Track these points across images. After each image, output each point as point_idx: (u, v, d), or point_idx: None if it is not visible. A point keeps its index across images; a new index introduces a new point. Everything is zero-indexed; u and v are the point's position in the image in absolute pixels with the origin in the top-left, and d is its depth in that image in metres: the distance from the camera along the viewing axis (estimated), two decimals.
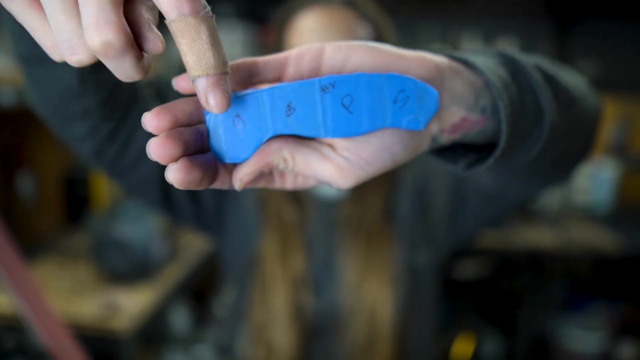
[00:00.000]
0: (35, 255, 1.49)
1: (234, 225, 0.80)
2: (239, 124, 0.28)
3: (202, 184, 0.27)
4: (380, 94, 0.28)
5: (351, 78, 0.28)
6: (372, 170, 0.30)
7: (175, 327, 1.74)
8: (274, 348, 0.74)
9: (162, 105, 0.27)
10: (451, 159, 0.36)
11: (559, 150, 0.40)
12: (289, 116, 0.28)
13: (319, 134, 0.29)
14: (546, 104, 0.34)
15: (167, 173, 0.26)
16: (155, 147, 0.26)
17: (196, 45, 0.24)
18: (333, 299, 0.75)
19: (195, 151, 0.28)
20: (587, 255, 1.78)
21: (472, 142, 0.35)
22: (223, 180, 0.29)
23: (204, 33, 0.24)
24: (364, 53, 0.29)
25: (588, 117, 0.44)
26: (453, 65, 0.32)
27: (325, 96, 0.28)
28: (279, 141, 0.29)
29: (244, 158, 0.29)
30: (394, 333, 0.74)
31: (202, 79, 0.25)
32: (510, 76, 0.33)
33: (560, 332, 1.95)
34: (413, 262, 0.77)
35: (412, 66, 0.30)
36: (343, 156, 0.30)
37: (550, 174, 0.50)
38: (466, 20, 2.30)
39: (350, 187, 0.31)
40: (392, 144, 0.30)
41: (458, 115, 0.31)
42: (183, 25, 0.24)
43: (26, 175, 1.56)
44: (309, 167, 0.30)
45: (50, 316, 0.61)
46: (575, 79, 0.44)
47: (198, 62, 0.25)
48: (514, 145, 0.33)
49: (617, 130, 2.25)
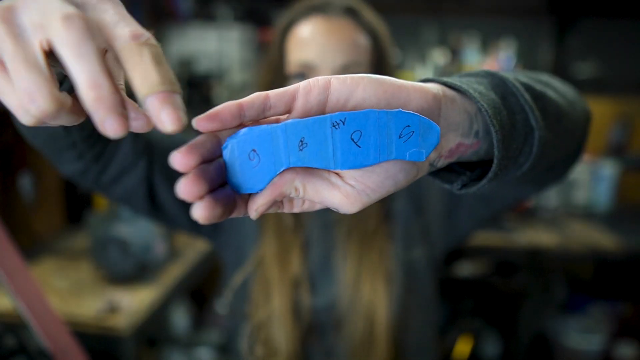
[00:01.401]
0: (35, 256, 1.50)
1: (231, 228, 0.80)
2: (254, 158, 0.30)
3: (223, 217, 0.29)
4: (387, 129, 0.31)
5: (361, 115, 0.30)
6: (375, 197, 0.32)
7: (175, 327, 1.74)
8: (274, 347, 0.75)
9: (189, 145, 0.28)
10: (446, 178, 0.38)
11: (549, 161, 0.42)
12: (301, 150, 0.30)
13: (329, 166, 0.31)
14: (535, 122, 0.36)
15: (194, 210, 0.28)
16: (185, 187, 0.27)
17: (140, 67, 0.25)
18: (331, 298, 0.76)
19: (217, 185, 0.30)
20: (586, 254, 1.78)
21: (466, 161, 0.37)
22: (239, 210, 0.31)
23: (146, 56, 0.26)
24: (368, 86, 0.31)
25: (576, 126, 0.46)
26: (448, 93, 0.34)
27: (336, 132, 0.30)
28: (291, 172, 0.31)
29: (259, 189, 0.31)
30: (391, 330, 0.75)
31: (151, 98, 0.25)
32: (500, 99, 0.35)
33: (560, 331, 1.95)
34: (409, 260, 0.78)
35: (413, 98, 0.31)
36: (350, 185, 0.32)
37: (542, 179, 0.52)
38: (466, 21, 2.31)
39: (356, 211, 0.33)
40: (396, 173, 0.32)
41: (454, 141, 0.34)
42: (127, 52, 0.26)
43: (27, 176, 1.56)
44: (318, 195, 0.32)
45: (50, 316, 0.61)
46: (562, 89, 0.46)
47: (143, 82, 0.25)
48: (506, 165, 0.35)
49: (617, 130, 2.25)
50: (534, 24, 2.29)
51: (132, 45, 0.26)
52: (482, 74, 0.38)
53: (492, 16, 2.29)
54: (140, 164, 0.65)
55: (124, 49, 0.26)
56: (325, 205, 0.33)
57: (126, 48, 0.26)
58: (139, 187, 0.67)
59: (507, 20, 2.30)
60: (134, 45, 0.26)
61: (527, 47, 2.30)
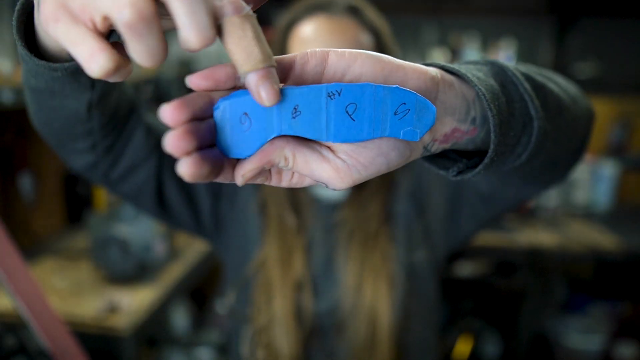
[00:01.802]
0: (35, 256, 1.50)
1: (233, 229, 0.80)
2: (245, 122, 0.29)
3: (209, 177, 0.29)
4: (382, 105, 0.30)
5: (357, 87, 0.29)
6: (367, 174, 0.32)
7: (175, 327, 1.74)
8: (275, 349, 0.75)
9: (180, 99, 0.28)
10: (442, 165, 0.38)
11: (549, 155, 0.41)
12: (294, 118, 0.29)
13: (321, 137, 0.30)
14: (534, 112, 0.35)
15: (179, 166, 0.27)
16: (172, 140, 0.27)
17: (243, 43, 0.26)
18: (333, 301, 0.76)
19: (206, 145, 0.29)
20: (586, 254, 1.78)
21: (463, 149, 0.36)
22: (226, 175, 0.30)
23: (249, 30, 0.26)
24: (366, 62, 0.30)
25: (578, 122, 0.45)
26: (446, 77, 0.33)
27: (331, 102, 0.29)
28: (282, 140, 0.30)
29: (248, 154, 0.30)
30: (393, 333, 0.74)
31: (252, 74, 0.27)
32: (499, 86, 0.35)
33: (560, 331, 1.95)
34: (411, 262, 0.78)
35: (410, 78, 0.31)
36: (341, 159, 0.31)
37: (543, 176, 0.52)
38: (466, 21, 2.30)
39: (345, 188, 0.32)
40: (388, 151, 0.31)
41: (450, 125, 0.33)
42: (229, 25, 0.26)
43: (27, 175, 1.56)
44: (307, 167, 0.31)
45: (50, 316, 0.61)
46: (565, 84, 0.46)
47: (247, 58, 0.26)
48: (503, 152, 0.35)
49: (617, 130, 2.25)
50: (534, 23, 2.29)
51: (234, 19, 0.26)
52: (483, 62, 0.37)
53: (492, 16, 2.29)
54: (152, 160, 0.64)
55: (227, 21, 0.26)
56: (314, 178, 0.32)
57: (229, 21, 0.26)
58: (148, 184, 0.66)
59: (507, 20, 2.30)
60: (237, 19, 0.26)
61: (527, 47, 2.30)
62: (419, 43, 2.33)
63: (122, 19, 0.24)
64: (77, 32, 0.26)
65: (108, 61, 0.25)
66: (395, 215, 0.79)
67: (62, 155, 0.58)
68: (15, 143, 1.53)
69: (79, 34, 0.26)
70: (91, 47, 0.25)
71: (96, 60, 0.25)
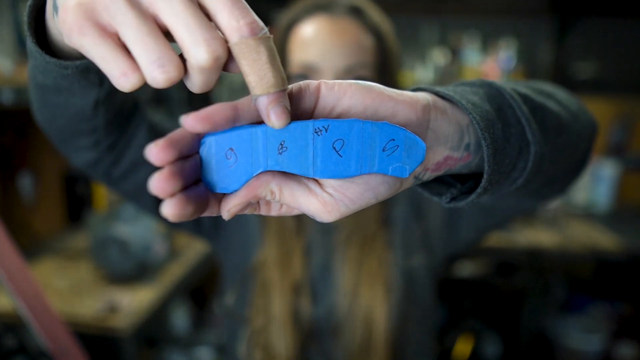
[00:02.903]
0: (35, 255, 1.50)
1: (233, 231, 0.80)
2: (231, 157, 0.29)
3: (193, 216, 0.28)
4: (370, 141, 0.30)
5: (345, 124, 0.29)
6: (354, 207, 0.31)
7: (175, 327, 1.74)
8: (273, 351, 0.75)
9: (167, 138, 0.27)
10: (436, 190, 0.37)
11: (547, 175, 0.40)
12: (280, 154, 0.29)
13: (308, 173, 0.30)
14: (531, 136, 0.34)
15: (164, 207, 0.27)
16: (158, 183, 0.27)
17: (257, 66, 0.26)
18: (330, 304, 0.76)
19: (191, 182, 0.29)
20: (586, 255, 1.78)
21: (457, 173, 0.36)
22: (212, 209, 0.30)
23: (263, 54, 0.26)
24: (356, 94, 0.30)
25: (580, 139, 0.44)
26: (439, 104, 0.33)
27: (318, 138, 0.29)
28: (268, 175, 0.30)
29: (234, 189, 0.30)
30: (389, 337, 0.74)
31: (263, 97, 0.27)
32: (495, 110, 0.34)
33: (560, 331, 1.95)
34: (408, 267, 0.77)
35: (400, 109, 0.31)
36: (328, 193, 0.31)
37: (543, 192, 0.51)
38: (466, 20, 2.30)
39: (333, 220, 0.32)
40: (377, 185, 0.31)
41: (442, 154, 0.33)
42: (244, 47, 0.26)
43: (26, 175, 1.56)
44: (294, 200, 0.31)
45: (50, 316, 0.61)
46: (566, 100, 0.45)
47: (260, 82, 0.27)
48: (498, 180, 0.34)
49: (617, 130, 2.25)
50: (534, 23, 2.29)
51: (249, 42, 0.26)
52: (479, 83, 0.36)
53: (492, 16, 2.29)
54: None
55: (242, 43, 0.26)
56: (301, 211, 0.32)
57: (244, 43, 0.26)
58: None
59: (507, 20, 2.30)
60: (252, 42, 0.26)
61: (528, 47, 2.30)
62: (419, 43, 2.33)
63: (197, 60, 0.26)
64: (106, 48, 0.26)
65: (140, 80, 0.26)
66: (393, 219, 0.79)
67: (65, 152, 0.58)
68: (15, 143, 1.53)
69: (109, 50, 0.26)
70: (124, 66, 0.26)
71: (129, 80, 0.26)
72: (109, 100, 0.49)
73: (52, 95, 0.46)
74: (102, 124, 0.52)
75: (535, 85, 0.43)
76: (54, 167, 1.69)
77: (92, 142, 0.55)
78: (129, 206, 1.39)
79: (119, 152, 0.59)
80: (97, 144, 0.56)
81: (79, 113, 0.49)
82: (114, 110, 0.52)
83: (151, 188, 0.27)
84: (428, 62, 2.30)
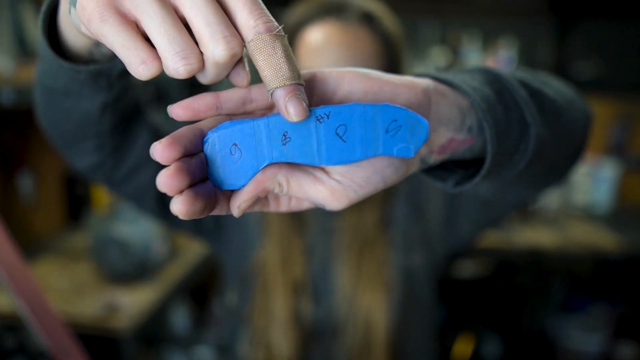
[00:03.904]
0: (35, 255, 1.50)
1: (234, 231, 0.80)
2: (235, 153, 0.29)
3: (203, 213, 0.28)
4: (373, 124, 0.29)
5: (346, 108, 0.29)
6: (363, 193, 0.31)
7: (175, 327, 1.74)
8: (273, 351, 0.75)
9: (171, 136, 0.28)
10: (440, 176, 0.37)
11: (547, 160, 0.41)
12: (284, 145, 0.29)
13: (314, 161, 0.30)
14: (531, 118, 0.35)
15: (173, 204, 0.27)
16: (165, 180, 0.27)
17: (272, 60, 0.27)
18: (330, 305, 0.76)
19: (198, 180, 0.29)
20: (586, 255, 1.78)
21: (461, 159, 0.36)
22: (221, 207, 0.30)
23: (279, 49, 0.27)
24: (354, 80, 0.30)
25: (575, 125, 0.45)
26: (439, 88, 0.33)
27: (320, 126, 0.29)
28: (274, 167, 0.30)
29: (241, 185, 0.30)
30: (390, 338, 0.74)
31: (280, 90, 0.27)
32: (495, 94, 0.34)
33: (560, 331, 1.95)
34: (408, 267, 0.77)
35: (400, 92, 0.31)
36: (336, 180, 0.31)
37: (542, 180, 0.51)
38: (466, 20, 2.30)
39: (343, 208, 0.32)
40: (383, 168, 0.31)
41: (445, 136, 0.33)
42: (260, 43, 0.27)
43: (26, 175, 1.56)
44: (302, 191, 0.31)
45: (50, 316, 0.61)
46: (560, 88, 0.45)
47: (275, 75, 0.27)
48: (501, 161, 0.34)
49: (617, 130, 2.25)
50: (535, 23, 2.29)
51: (265, 37, 0.27)
52: (477, 70, 0.37)
53: (492, 15, 2.29)
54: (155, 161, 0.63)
55: (258, 39, 0.27)
56: (311, 201, 0.32)
57: (260, 39, 0.27)
58: (150, 185, 0.65)
59: (508, 19, 2.29)
60: (268, 37, 0.27)
61: (528, 47, 2.30)
62: (419, 43, 2.33)
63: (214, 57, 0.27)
64: (127, 35, 0.27)
65: (159, 69, 0.27)
66: (393, 219, 0.78)
67: (67, 155, 0.58)
68: (15, 143, 1.53)
69: (129, 38, 0.27)
70: (144, 54, 0.27)
71: (149, 68, 0.27)
72: (116, 104, 0.49)
73: (61, 98, 0.46)
74: (108, 128, 0.52)
75: (532, 73, 0.44)
76: (54, 167, 1.69)
77: (96, 146, 0.55)
78: (129, 206, 1.39)
79: (121, 155, 0.59)
80: (100, 148, 0.56)
81: (86, 117, 0.49)
82: (119, 114, 0.52)
83: (159, 185, 0.27)
84: (428, 62, 2.30)
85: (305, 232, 0.78)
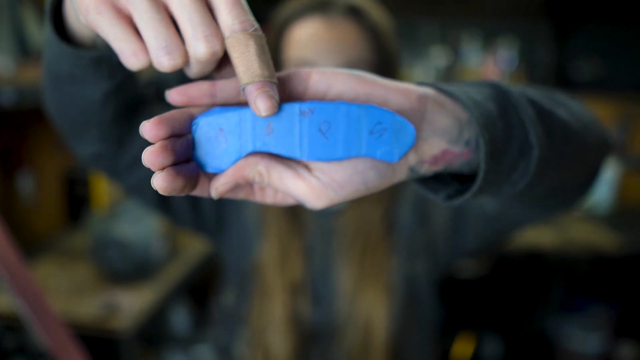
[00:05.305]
0: (35, 255, 1.49)
1: (233, 230, 0.80)
2: (221, 138, 0.30)
3: (183, 191, 0.30)
4: (357, 124, 0.30)
5: (331, 106, 0.29)
6: (344, 194, 0.31)
7: (175, 327, 1.74)
8: (271, 353, 0.74)
9: (160, 116, 0.29)
10: (433, 187, 0.37)
11: (552, 183, 0.40)
12: (268, 135, 0.30)
13: (295, 155, 0.30)
14: (535, 139, 0.34)
15: (153, 180, 0.28)
16: (149, 155, 0.28)
17: (245, 58, 0.29)
18: (330, 308, 0.75)
19: (182, 160, 0.30)
20: (586, 255, 1.78)
21: (458, 172, 0.35)
22: (202, 188, 0.32)
23: (252, 47, 0.29)
24: (347, 81, 0.31)
25: (589, 151, 0.43)
26: (439, 98, 0.32)
27: (304, 120, 0.29)
28: (256, 156, 0.30)
29: (223, 169, 0.31)
30: (389, 343, 0.74)
31: (250, 86, 0.28)
32: (498, 110, 0.33)
33: (560, 331, 1.95)
34: (411, 273, 0.76)
35: (393, 97, 0.31)
36: (316, 177, 0.31)
37: (549, 203, 0.50)
38: (466, 20, 2.30)
39: (323, 208, 0.32)
40: (366, 170, 0.31)
41: (439, 147, 0.32)
42: (234, 41, 0.29)
43: (26, 175, 1.56)
44: (282, 184, 0.31)
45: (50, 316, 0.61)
46: (578, 111, 0.43)
47: (246, 71, 0.28)
48: (496, 179, 0.33)
49: (617, 130, 2.25)
50: (534, 24, 2.29)
51: (239, 36, 0.29)
52: (486, 84, 0.36)
53: (493, 16, 2.29)
54: None
55: (233, 38, 0.29)
56: (290, 195, 0.32)
57: (234, 38, 0.29)
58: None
59: (508, 19, 2.30)
60: (242, 37, 0.29)
61: (528, 47, 2.30)
62: (419, 43, 2.33)
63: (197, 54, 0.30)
64: (120, 28, 0.29)
65: (148, 60, 0.30)
66: (397, 224, 0.78)
67: (72, 143, 0.59)
68: (14, 143, 1.53)
69: (122, 31, 0.29)
70: (135, 47, 0.30)
71: (139, 60, 0.30)
72: (119, 93, 0.50)
73: (65, 84, 0.48)
74: (111, 117, 0.53)
75: (549, 92, 0.42)
76: (54, 167, 1.69)
77: (99, 135, 0.56)
78: (129, 206, 1.39)
79: (123, 146, 0.59)
80: (104, 137, 0.56)
81: (89, 104, 0.50)
82: (122, 104, 0.53)
83: (143, 160, 0.28)
84: (428, 62, 2.30)
85: (305, 233, 0.78)
